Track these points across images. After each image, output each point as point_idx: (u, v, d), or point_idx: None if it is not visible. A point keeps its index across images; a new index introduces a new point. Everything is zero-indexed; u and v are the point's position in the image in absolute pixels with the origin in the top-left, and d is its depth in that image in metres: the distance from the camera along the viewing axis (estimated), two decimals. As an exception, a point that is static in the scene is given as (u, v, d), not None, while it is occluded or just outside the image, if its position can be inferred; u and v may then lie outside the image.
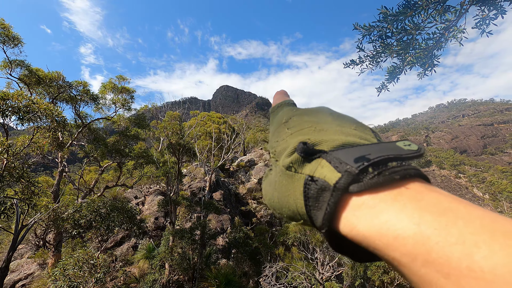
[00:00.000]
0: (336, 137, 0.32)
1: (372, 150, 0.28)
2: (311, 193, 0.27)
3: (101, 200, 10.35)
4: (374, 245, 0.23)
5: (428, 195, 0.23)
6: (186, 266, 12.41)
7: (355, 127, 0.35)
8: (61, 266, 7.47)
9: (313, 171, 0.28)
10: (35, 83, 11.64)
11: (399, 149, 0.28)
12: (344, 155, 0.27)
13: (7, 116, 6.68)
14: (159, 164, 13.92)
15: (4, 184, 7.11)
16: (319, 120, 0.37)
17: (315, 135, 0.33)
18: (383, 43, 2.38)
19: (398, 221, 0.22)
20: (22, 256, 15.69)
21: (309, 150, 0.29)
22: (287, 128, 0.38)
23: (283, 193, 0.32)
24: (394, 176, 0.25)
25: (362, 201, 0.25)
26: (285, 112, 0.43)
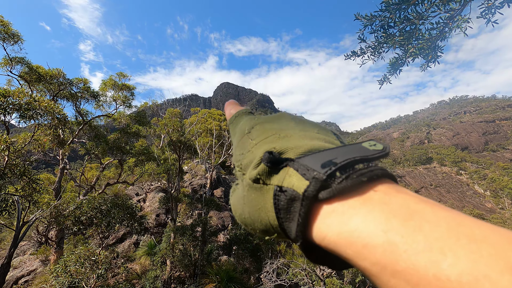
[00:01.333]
0: (301, 143, 0.31)
1: (338, 153, 0.27)
2: (282, 204, 0.26)
3: (102, 197, 10.37)
4: (345, 254, 0.22)
5: (395, 197, 0.23)
6: (188, 263, 12.46)
7: (317, 130, 0.35)
8: (62, 263, 7.50)
9: (281, 181, 0.27)
10: (36, 80, 11.61)
11: (365, 150, 0.28)
12: (310, 161, 0.27)
13: (8, 114, 6.68)
14: (160, 161, 13.93)
15: (5, 181, 7.12)
16: (281, 126, 0.36)
17: (280, 143, 0.31)
18: (385, 33, 2.33)
19: (366, 228, 0.21)
20: (24, 253, 15.79)
21: (275, 159, 0.28)
22: (250, 138, 0.36)
23: (253, 207, 0.30)
24: (361, 179, 0.24)
25: (332, 208, 0.24)
26: (246, 122, 0.41)
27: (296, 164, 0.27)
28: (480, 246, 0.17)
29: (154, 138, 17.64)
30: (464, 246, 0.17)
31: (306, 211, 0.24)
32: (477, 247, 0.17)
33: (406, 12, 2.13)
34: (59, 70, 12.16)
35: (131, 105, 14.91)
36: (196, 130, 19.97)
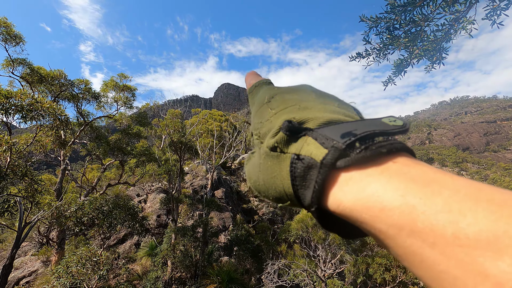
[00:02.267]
0: (321, 114, 0.31)
1: (358, 126, 0.27)
2: (298, 172, 0.27)
3: (103, 198, 10.39)
4: (361, 218, 0.23)
5: (414, 167, 0.23)
6: (188, 264, 12.45)
7: (338, 104, 0.35)
8: (64, 264, 7.51)
9: (299, 149, 0.28)
10: (37, 81, 11.64)
11: (385, 125, 0.28)
12: (330, 131, 0.27)
13: (10, 115, 6.69)
14: (161, 162, 13.94)
15: (7, 182, 7.13)
16: (302, 98, 0.36)
17: (299, 114, 0.32)
18: (390, 35, 2.33)
19: (384, 193, 0.22)
20: (26, 254, 15.80)
21: (294, 128, 0.29)
22: (270, 108, 0.36)
23: (268, 174, 0.31)
24: (381, 150, 0.24)
25: (350, 176, 0.24)
26: (266, 91, 0.41)
27: (315, 134, 0.27)
28: (500, 208, 0.17)
29: (155, 139, 17.67)
30: (484, 207, 0.17)
31: (323, 178, 0.25)
32: (497, 208, 0.17)
33: (411, 14, 2.14)
34: (60, 71, 12.19)
35: (132, 106, 14.94)
36: (197, 131, 19.99)
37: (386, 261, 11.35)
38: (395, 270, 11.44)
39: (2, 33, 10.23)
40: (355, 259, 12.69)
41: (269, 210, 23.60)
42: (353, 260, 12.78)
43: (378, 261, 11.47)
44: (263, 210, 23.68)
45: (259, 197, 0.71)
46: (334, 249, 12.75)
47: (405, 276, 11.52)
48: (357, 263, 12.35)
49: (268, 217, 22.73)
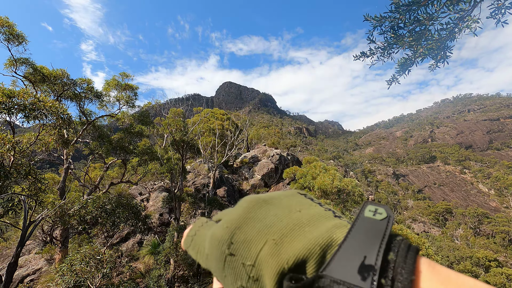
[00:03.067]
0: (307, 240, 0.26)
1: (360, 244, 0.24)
2: None
3: (106, 197, 10.44)
4: None
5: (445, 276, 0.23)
6: (191, 262, 12.51)
7: (297, 207, 0.30)
8: (68, 262, 7.56)
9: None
10: (40, 81, 11.69)
11: (376, 225, 0.25)
12: (342, 271, 0.22)
13: (13, 114, 6.72)
14: (163, 161, 13.97)
15: (11, 181, 7.18)
16: (264, 222, 0.29)
17: (285, 252, 0.25)
18: (394, 34, 2.32)
19: None
20: (29, 252, 15.94)
21: (304, 284, 0.23)
22: (241, 261, 0.27)
23: None
24: (409, 278, 0.22)
25: None
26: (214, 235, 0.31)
27: (329, 281, 0.22)
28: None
29: (157, 137, 17.71)
30: None
31: None
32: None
33: (416, 13, 2.12)
34: (63, 70, 12.23)
35: (134, 105, 14.97)
36: (199, 130, 20.00)
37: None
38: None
39: (5, 33, 10.27)
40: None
41: (271, 209, 23.61)
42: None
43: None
44: (265, 209, 23.70)
45: None
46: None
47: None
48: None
49: (270, 216, 22.75)
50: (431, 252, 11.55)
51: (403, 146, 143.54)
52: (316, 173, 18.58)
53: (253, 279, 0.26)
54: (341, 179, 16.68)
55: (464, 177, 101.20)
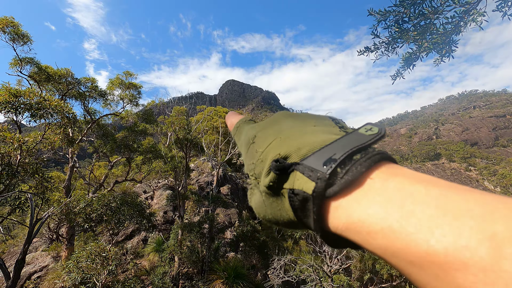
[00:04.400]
0: (302, 142, 0.33)
1: (337, 147, 0.29)
2: (297, 205, 0.29)
3: (111, 195, 10.52)
4: (355, 240, 0.25)
5: (393, 181, 0.25)
6: (195, 259, 12.60)
7: (314, 123, 0.37)
8: (74, 259, 7.66)
9: (292, 185, 0.29)
10: (45, 80, 11.79)
11: (361, 137, 0.29)
12: (313, 161, 0.29)
13: (20, 113, 6.80)
14: (167, 159, 14.04)
15: (18, 179, 7.28)
16: (281, 128, 0.38)
17: (283, 147, 0.33)
18: (399, 28, 2.29)
19: (367, 218, 0.24)
20: (36, 249, 16.17)
21: (282, 167, 0.30)
22: (256, 148, 0.38)
23: (273, 209, 0.33)
24: (361, 170, 0.26)
25: (338, 203, 0.26)
26: (248, 131, 0.44)
27: (301, 167, 0.29)
28: (463, 221, 0.19)
29: (161, 136, 17.77)
30: (449, 222, 0.19)
31: (318, 209, 0.27)
32: (460, 222, 0.19)
33: (421, 7, 2.09)
34: (67, 69, 12.32)
35: (138, 103, 15.05)
36: (202, 128, 20.04)
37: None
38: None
39: (10, 33, 10.37)
40: (361, 255, 12.68)
41: (275, 206, 23.64)
42: (360, 255, 12.76)
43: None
44: (268, 206, 23.74)
45: (271, 225, 0.71)
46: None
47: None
48: (363, 259, 12.34)
49: (274, 213, 22.79)
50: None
51: (408, 143, 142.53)
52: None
53: (260, 160, 0.35)
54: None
55: (469, 174, 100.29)
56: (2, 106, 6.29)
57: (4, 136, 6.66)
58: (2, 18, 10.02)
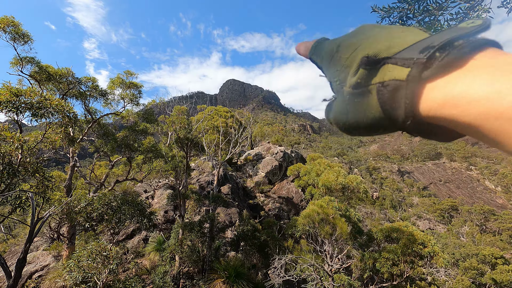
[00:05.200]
0: (392, 43, 0.32)
1: (434, 39, 0.28)
2: (386, 96, 0.29)
3: (112, 194, 10.53)
4: (451, 116, 0.25)
5: (499, 57, 0.24)
6: (196, 258, 12.60)
7: (402, 30, 0.36)
8: (75, 258, 7.66)
9: (382, 78, 0.30)
10: (46, 79, 11.78)
11: (463, 29, 0.28)
12: (407, 53, 0.28)
13: (21, 112, 6.80)
14: (168, 158, 14.03)
15: (19, 179, 7.28)
16: (367, 35, 0.37)
17: (371, 49, 0.33)
18: (403, 25, 2.28)
19: (470, 88, 0.23)
20: (37, 249, 16.19)
21: (372, 61, 0.31)
22: (340, 55, 0.38)
23: (358, 110, 0.33)
24: (463, 51, 0.25)
25: (435, 84, 0.26)
26: (330, 44, 0.43)
27: (394, 60, 0.29)
28: None
29: (161, 135, 17.76)
30: None
31: (412, 93, 0.27)
32: None
33: (425, 3, 2.09)
34: (68, 69, 12.31)
35: (138, 103, 15.04)
36: (203, 127, 20.03)
37: (393, 255, 11.30)
38: (403, 265, 11.38)
39: (11, 32, 10.36)
40: (362, 254, 12.67)
41: (275, 206, 23.65)
42: (360, 255, 12.75)
43: (386, 256, 11.42)
44: (269, 206, 23.75)
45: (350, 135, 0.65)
46: (341, 244, 12.74)
47: (412, 271, 11.45)
48: (364, 258, 12.32)
49: (275, 213, 22.80)
50: (437, 249, 11.45)
51: (408, 143, 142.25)
52: (320, 170, 18.53)
53: (345, 65, 0.36)
54: (345, 176, 16.60)
55: (470, 174, 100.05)
56: (3, 106, 6.28)
57: (5, 135, 6.66)
58: (3, 18, 10.01)
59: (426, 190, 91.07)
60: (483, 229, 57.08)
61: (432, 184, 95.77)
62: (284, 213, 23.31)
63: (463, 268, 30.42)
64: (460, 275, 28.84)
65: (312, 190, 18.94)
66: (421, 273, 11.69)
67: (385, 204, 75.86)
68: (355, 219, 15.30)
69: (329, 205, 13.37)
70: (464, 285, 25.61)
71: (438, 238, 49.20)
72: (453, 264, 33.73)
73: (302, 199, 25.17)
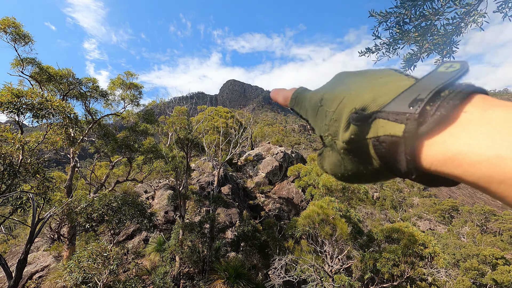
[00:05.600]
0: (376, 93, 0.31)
1: (419, 89, 0.28)
2: (383, 152, 0.28)
3: (112, 195, 10.55)
4: (453, 174, 0.24)
5: (494, 112, 0.24)
6: (196, 259, 12.60)
7: (379, 76, 0.35)
8: (76, 258, 7.68)
9: (376, 133, 0.29)
10: (46, 80, 11.81)
11: (444, 75, 0.28)
12: (395, 106, 0.28)
13: (22, 113, 6.82)
14: (168, 159, 14.05)
15: (20, 179, 7.30)
16: (348, 86, 0.37)
17: (357, 101, 0.32)
18: (400, 29, 2.29)
19: (470, 149, 0.23)
20: (38, 249, 16.21)
21: (362, 117, 0.30)
22: (326, 109, 0.38)
23: (355, 164, 0.33)
24: (453, 103, 0.25)
25: (433, 140, 0.25)
26: (312, 96, 0.42)
27: (384, 114, 0.28)
28: None
29: (161, 136, 17.78)
30: None
31: (411, 149, 0.26)
32: None
33: (422, 8, 2.10)
34: (68, 70, 12.34)
35: (139, 103, 15.07)
36: (203, 128, 20.05)
37: (394, 256, 11.30)
38: (403, 266, 11.38)
39: (12, 33, 10.39)
40: (362, 254, 12.67)
41: (276, 206, 23.66)
42: (361, 255, 12.76)
43: (386, 256, 11.42)
44: (269, 206, 23.76)
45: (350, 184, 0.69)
46: (341, 245, 12.74)
47: (412, 272, 11.45)
48: (364, 258, 12.33)
49: (275, 213, 22.80)
50: (438, 249, 11.45)
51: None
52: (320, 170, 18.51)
53: (334, 119, 0.35)
54: (345, 176, 16.56)
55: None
56: (4, 107, 6.31)
57: (6, 136, 6.69)
58: (4, 19, 10.04)
59: (427, 191, 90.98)
60: (483, 230, 57.01)
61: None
62: (284, 214, 23.31)
63: (464, 268, 30.38)
64: (461, 276, 28.81)
65: (312, 191, 18.94)
66: (422, 273, 11.69)
67: (386, 205, 75.79)
68: (356, 220, 15.30)
69: (330, 205, 13.37)
70: (465, 285, 25.58)
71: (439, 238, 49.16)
72: (453, 264, 33.70)
73: (302, 199, 25.17)
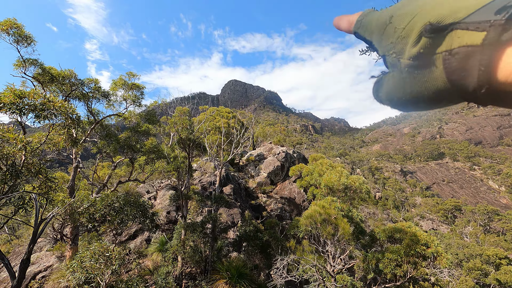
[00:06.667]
0: (455, 7, 0.29)
1: (505, 1, 0.26)
2: (454, 66, 0.27)
3: (114, 195, 10.57)
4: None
5: None
6: (198, 259, 12.61)
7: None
8: (78, 259, 7.71)
9: (450, 45, 0.27)
10: (49, 81, 11.86)
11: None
12: (479, 16, 0.26)
13: (24, 114, 6.85)
14: (170, 159, 14.08)
15: (22, 180, 7.33)
16: (424, 2, 0.34)
17: (433, 15, 0.30)
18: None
19: None
20: (41, 249, 16.28)
21: (438, 28, 0.28)
22: (395, 26, 0.36)
23: (417, 83, 0.31)
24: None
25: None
26: (380, 16, 0.41)
27: (463, 24, 0.27)
28: None
29: (163, 136, 17.84)
30: None
31: (489, 58, 0.24)
32: None
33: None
34: (70, 71, 12.39)
35: (141, 104, 15.10)
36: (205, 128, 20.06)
37: (396, 256, 11.24)
38: (406, 266, 11.32)
39: (14, 35, 10.44)
40: (364, 254, 12.62)
41: (277, 206, 23.64)
42: (363, 255, 12.71)
43: (389, 256, 11.37)
44: (271, 206, 23.75)
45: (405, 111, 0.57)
46: (343, 245, 12.70)
47: (415, 272, 11.39)
48: (366, 258, 12.28)
49: (277, 213, 22.78)
50: (441, 249, 11.38)
51: (411, 142, 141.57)
52: (322, 170, 18.49)
53: (402, 36, 0.33)
54: (347, 176, 16.55)
55: (473, 173, 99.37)
56: (7, 107, 6.34)
57: (9, 137, 6.72)
58: (6, 20, 10.09)
59: (429, 190, 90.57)
60: (486, 229, 56.69)
61: (435, 184, 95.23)
62: (286, 214, 23.29)
63: (467, 268, 30.21)
64: (464, 276, 28.66)
65: (314, 191, 18.90)
66: (425, 273, 11.65)
67: (388, 204, 75.53)
68: (358, 220, 15.24)
69: (331, 205, 13.34)
70: (468, 285, 25.44)
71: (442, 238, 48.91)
72: (456, 264, 33.53)
73: (304, 199, 25.13)
